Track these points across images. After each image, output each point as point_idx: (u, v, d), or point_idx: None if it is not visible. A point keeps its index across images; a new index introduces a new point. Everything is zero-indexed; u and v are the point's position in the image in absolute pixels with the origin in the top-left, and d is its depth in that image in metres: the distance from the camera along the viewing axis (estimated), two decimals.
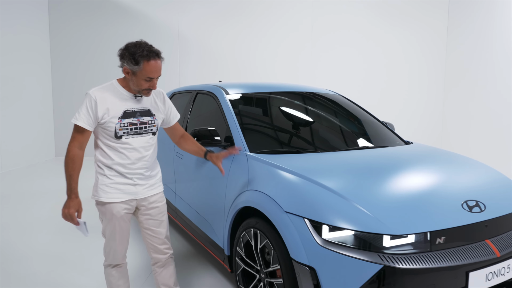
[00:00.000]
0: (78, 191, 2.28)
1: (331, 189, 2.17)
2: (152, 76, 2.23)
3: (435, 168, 2.64)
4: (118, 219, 2.35)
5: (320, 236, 2.03)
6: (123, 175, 2.33)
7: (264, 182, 2.43)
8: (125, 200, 2.35)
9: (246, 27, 8.60)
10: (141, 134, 2.35)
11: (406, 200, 2.16)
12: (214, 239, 3.02)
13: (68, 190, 2.24)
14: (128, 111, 2.29)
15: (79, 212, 2.27)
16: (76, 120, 2.22)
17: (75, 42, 8.67)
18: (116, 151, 2.29)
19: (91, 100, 2.22)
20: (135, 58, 2.17)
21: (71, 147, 2.23)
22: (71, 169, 2.22)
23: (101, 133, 2.28)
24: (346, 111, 3.57)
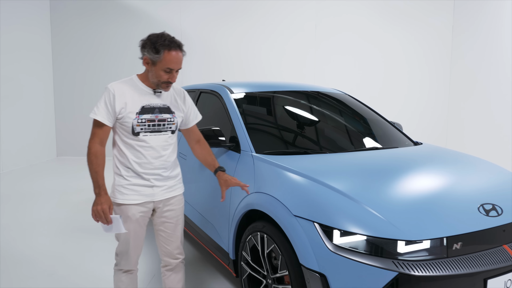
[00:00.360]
0: (81, 190, 2.20)
1: (341, 192, 2.08)
2: (172, 67, 2.15)
3: (447, 169, 2.55)
4: (133, 222, 2.26)
5: (331, 241, 1.94)
6: (140, 176, 2.24)
7: (271, 184, 2.34)
8: (141, 202, 2.26)
9: (249, 27, 8.52)
10: (160, 132, 2.26)
11: (419, 204, 2.07)
12: (218, 242, 2.93)
13: (96, 187, 2.15)
14: (147, 107, 2.21)
15: (111, 208, 2.17)
16: (95, 114, 2.16)
17: (76, 42, 8.60)
18: (133, 149, 2.21)
19: (109, 93, 2.17)
20: (156, 47, 2.11)
21: (92, 144, 2.17)
22: (95, 165, 2.15)
23: (119, 129, 2.21)
24: (353, 110, 3.48)
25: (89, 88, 8.69)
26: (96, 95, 8.68)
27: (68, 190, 5.94)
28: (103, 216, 2.13)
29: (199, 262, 3.46)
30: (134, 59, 8.50)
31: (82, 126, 8.77)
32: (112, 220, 2.15)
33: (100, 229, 4.30)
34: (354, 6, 8.49)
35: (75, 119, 8.78)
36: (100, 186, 2.15)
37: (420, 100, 8.72)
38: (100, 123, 2.16)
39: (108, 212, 2.13)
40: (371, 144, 3.03)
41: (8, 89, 7.29)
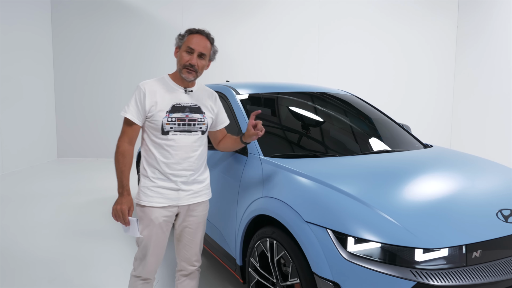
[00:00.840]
0: (83, 192, 2.15)
1: (355, 197, 2.01)
2: (193, 47, 2.13)
3: (462, 173, 2.47)
4: (155, 226, 2.19)
5: (345, 249, 1.86)
6: (166, 177, 2.18)
7: (281, 189, 2.26)
8: (166, 206, 2.20)
9: (250, 27, 8.45)
10: (190, 132, 2.20)
11: (436, 209, 1.99)
12: (225, 247, 2.86)
13: (120, 187, 2.14)
14: (177, 106, 2.18)
15: (130, 210, 2.14)
16: (125, 112, 2.15)
17: (77, 42, 8.53)
18: (161, 149, 2.17)
19: (140, 92, 2.15)
20: (182, 33, 2.19)
21: (120, 142, 2.16)
22: (122, 164, 2.13)
23: (148, 128, 2.18)
24: (361, 112, 3.40)
25: (90, 89, 8.63)
26: (97, 96, 8.62)
27: (69, 192, 5.86)
28: (121, 217, 2.11)
29: (205, 267, 3.38)
30: (136, 59, 8.50)
31: (83, 127, 8.71)
32: (130, 222, 2.13)
33: (102, 231, 4.24)
34: (357, 7, 8.42)
35: (76, 120, 8.71)
36: (123, 186, 2.13)
37: (424, 100, 8.65)
38: (130, 121, 2.15)
39: (127, 213, 2.12)
40: (381, 147, 2.95)
41: (9, 89, 7.22)
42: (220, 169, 2.92)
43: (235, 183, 2.69)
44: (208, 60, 2.21)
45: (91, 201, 5.42)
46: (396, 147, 3.00)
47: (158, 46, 8.47)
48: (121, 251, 3.79)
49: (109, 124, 8.66)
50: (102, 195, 5.69)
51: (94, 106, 8.68)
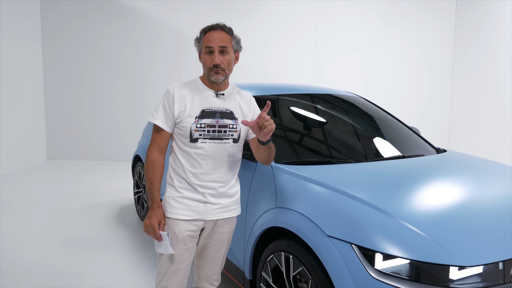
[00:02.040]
0: (76, 197, 1.96)
1: (380, 209, 1.86)
2: (209, 45, 1.95)
3: (485, 181, 2.34)
4: (179, 240, 2.01)
5: (372, 266, 1.72)
6: (194, 188, 2.01)
7: (297, 199, 2.11)
8: (191, 219, 2.02)
9: (247, 26, 8.29)
10: (221, 140, 2.01)
11: (467, 222, 1.86)
12: (232, 260, 2.69)
13: (150, 199, 1.99)
14: (207, 110, 1.99)
15: (161, 224, 1.97)
16: (154, 118, 2.01)
17: (69, 43, 8.26)
18: (189, 157, 2.00)
19: (169, 96, 2.01)
20: (198, 36, 2.04)
21: (150, 151, 2.02)
22: (151, 174, 1.99)
23: (177, 135, 2.03)
24: (371, 115, 3.26)
25: (81, 90, 8.37)
26: (88, 97, 8.38)
27: (62, 197, 5.63)
28: (152, 232, 1.96)
29: None
30: (131, 60, 8.26)
31: (74, 128, 8.46)
32: (162, 237, 1.96)
33: (97, 240, 4.04)
34: (355, 7, 8.31)
35: (67, 121, 8.45)
36: (153, 199, 1.98)
37: (422, 100, 8.57)
38: (159, 128, 2.01)
39: (157, 227, 1.96)
40: (396, 153, 2.81)
41: None
42: None
43: (243, 192, 2.51)
44: (233, 52, 2.02)
45: (84, 206, 5.21)
46: (411, 152, 2.86)
47: (153, 46, 8.26)
48: (117, 260, 3.60)
49: (101, 125, 8.43)
50: (95, 200, 5.48)
51: (85, 107, 8.43)
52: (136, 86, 8.32)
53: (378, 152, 2.76)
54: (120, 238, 4.10)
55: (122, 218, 4.71)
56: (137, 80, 8.30)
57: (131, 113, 8.33)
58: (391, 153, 2.76)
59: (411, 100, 8.55)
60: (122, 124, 8.39)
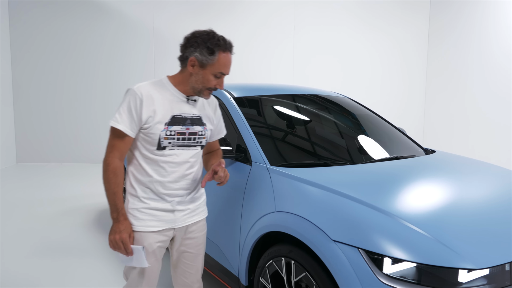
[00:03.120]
0: (51, 201, 1.82)
1: (385, 211, 1.83)
2: (224, 72, 1.87)
3: (484, 183, 2.36)
4: (149, 253, 1.88)
5: (380, 271, 1.68)
6: (160, 198, 1.88)
7: (298, 203, 2.05)
8: (161, 229, 1.90)
9: (224, 26, 8.18)
10: (189, 147, 1.91)
11: (472, 223, 1.85)
12: (225, 265, 2.61)
13: (114, 211, 1.82)
14: (178, 117, 1.87)
15: (131, 237, 1.82)
16: (117, 122, 1.79)
17: (39, 41, 7.92)
18: (155, 166, 1.86)
19: (136, 98, 1.80)
20: (210, 47, 1.80)
21: (110, 158, 1.81)
22: (114, 185, 1.80)
23: (141, 142, 1.86)
24: (362, 117, 3.26)
25: (53, 89, 8.04)
26: (61, 96, 8.06)
27: (35, 202, 5.38)
28: (123, 247, 1.80)
29: None
30: (107, 60, 8.00)
31: (45, 130, 8.13)
32: (134, 252, 1.81)
33: (76, 247, 3.85)
34: (332, 8, 8.37)
35: (37, 122, 8.10)
36: (119, 211, 1.82)
37: (400, 99, 8.71)
38: (121, 133, 1.80)
39: (129, 241, 1.81)
40: (389, 154, 2.80)
41: None
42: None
43: (238, 195, 2.45)
44: None
45: (60, 211, 4.99)
46: (403, 153, 2.86)
47: (129, 46, 8.03)
48: (100, 268, 3.44)
49: (74, 126, 8.13)
50: (71, 205, 5.25)
51: (57, 107, 8.10)
52: (111, 86, 8.07)
53: (372, 153, 2.75)
54: (100, 244, 3.94)
55: (101, 223, 4.53)
56: (112, 80, 8.05)
57: (106, 114, 8.05)
58: (385, 155, 2.75)
59: (388, 100, 8.67)
60: (96, 125, 8.11)
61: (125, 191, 1.94)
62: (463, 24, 7.65)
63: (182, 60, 1.88)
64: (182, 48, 1.87)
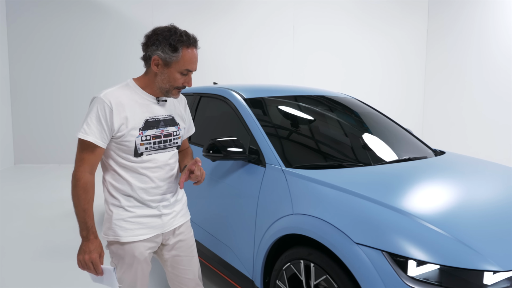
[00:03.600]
0: (51, 203, 1.76)
1: (407, 214, 1.82)
2: (190, 68, 1.76)
3: (500, 184, 2.35)
4: (141, 262, 1.85)
5: (405, 273, 1.67)
6: (146, 205, 1.83)
7: (317, 205, 2.04)
8: (151, 236, 1.86)
9: (223, 26, 8.17)
10: (165, 149, 1.86)
11: (492, 225, 1.85)
12: (237, 267, 2.59)
13: (84, 229, 1.73)
14: (151, 120, 1.80)
15: (101, 257, 1.75)
16: (86, 134, 1.68)
17: (37, 41, 7.86)
18: (135, 173, 1.79)
19: (105, 106, 1.70)
20: (173, 44, 1.70)
21: (80, 173, 1.71)
22: (84, 201, 1.70)
23: (115, 151, 1.77)
24: (373, 118, 3.25)
25: (51, 90, 7.98)
26: (59, 98, 8.00)
27: (35, 204, 5.32)
28: (92, 267, 1.73)
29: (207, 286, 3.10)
30: (105, 60, 7.95)
31: (43, 130, 8.07)
32: (104, 272, 1.74)
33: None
34: (331, 8, 8.37)
35: (35, 123, 8.04)
36: (88, 229, 1.72)
37: (395, 100, 8.75)
38: (91, 145, 1.69)
39: (99, 262, 1.74)
40: (402, 155, 2.79)
41: None
42: (230, 182, 2.65)
43: (252, 198, 2.43)
44: None
45: (61, 213, 4.94)
46: (414, 154, 2.86)
47: (128, 46, 7.99)
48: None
49: (73, 126, 8.05)
50: (72, 207, 5.19)
51: (55, 108, 8.05)
52: (110, 86, 8.00)
53: (384, 155, 2.74)
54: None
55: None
56: (110, 80, 8.00)
57: None
58: (397, 156, 2.74)
59: (387, 99, 8.71)
60: None
61: (104, 203, 1.86)
62: (462, 24, 7.69)
63: (145, 59, 1.80)
64: (144, 47, 1.78)
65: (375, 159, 2.67)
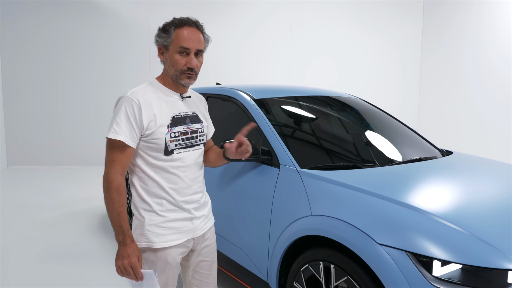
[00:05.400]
0: (50, 205, 1.72)
1: (429, 213, 1.83)
2: (186, 46, 1.71)
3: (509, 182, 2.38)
4: (173, 268, 1.81)
5: (430, 273, 1.68)
6: (178, 207, 1.79)
7: (336, 206, 2.04)
8: (183, 241, 1.82)
9: (221, 26, 8.14)
10: (193, 147, 1.84)
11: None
12: (250, 269, 2.58)
13: (120, 234, 1.66)
14: (177, 116, 1.79)
15: (140, 260, 1.69)
16: (116, 134, 1.65)
17: (30, 41, 7.72)
18: (166, 173, 1.76)
19: (133, 104, 1.68)
20: (164, 27, 1.75)
21: (113, 175, 1.66)
22: (118, 204, 1.65)
23: (144, 150, 1.74)
24: (380, 119, 3.27)
25: (44, 91, 7.85)
26: (52, 98, 7.89)
27: (33, 206, 5.24)
28: (132, 272, 1.67)
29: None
30: (101, 60, 7.87)
31: (36, 132, 7.94)
32: (144, 276, 1.69)
33: (85, 252, 3.75)
34: (328, 8, 8.40)
35: (28, 123, 7.90)
36: (124, 232, 1.66)
37: (391, 99, 8.79)
38: (122, 145, 1.66)
39: (138, 266, 1.68)
40: (413, 155, 2.81)
41: None
42: (243, 183, 2.64)
43: (266, 199, 2.42)
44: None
45: (60, 216, 4.87)
46: (424, 154, 2.88)
47: (124, 46, 7.90)
48: (113, 274, 3.36)
49: (67, 128, 7.97)
50: (71, 209, 5.14)
51: (49, 108, 7.92)
52: (105, 87, 7.94)
53: (396, 155, 2.75)
54: (110, 249, 3.85)
55: (106, 228, 4.44)
56: (106, 80, 7.92)
57: (100, 115, 7.92)
58: (408, 156, 2.76)
59: (383, 99, 8.73)
60: (89, 126, 7.97)
61: (132, 208, 1.82)
62: (457, 24, 7.77)
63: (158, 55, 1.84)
64: (154, 42, 1.84)
65: (387, 159, 2.68)
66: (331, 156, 2.68)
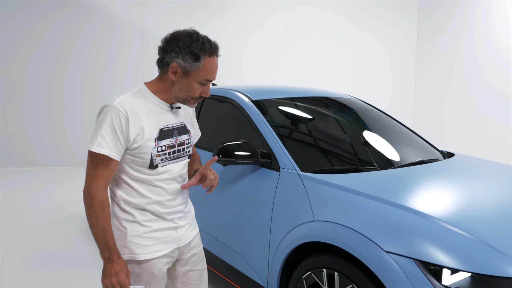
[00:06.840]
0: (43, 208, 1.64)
1: (437, 220, 1.77)
2: (211, 78, 1.66)
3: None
4: (159, 279, 1.74)
5: (439, 282, 1.62)
6: (161, 218, 1.73)
7: (340, 211, 1.97)
8: (168, 251, 1.76)
9: (215, 26, 8.06)
10: (178, 159, 1.76)
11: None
12: (249, 275, 2.51)
13: (105, 250, 1.58)
14: (165, 129, 1.69)
15: (128, 276, 1.62)
16: (101, 147, 1.54)
17: (23, 41, 7.57)
18: (150, 186, 1.68)
19: (120, 116, 1.57)
20: (194, 52, 1.58)
21: (96, 190, 1.56)
22: (102, 220, 1.56)
23: (128, 164, 1.65)
24: (381, 120, 3.21)
25: (37, 91, 7.72)
26: (45, 99, 7.76)
27: (25, 208, 5.13)
28: None
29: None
30: (95, 60, 7.74)
31: (29, 132, 7.81)
32: None
33: (79, 257, 3.66)
34: (323, 8, 8.35)
35: (20, 124, 7.76)
36: (110, 249, 1.58)
37: (386, 99, 8.77)
38: (106, 158, 1.56)
39: (127, 283, 1.60)
40: (415, 158, 2.75)
41: None
42: (241, 187, 2.56)
43: (266, 203, 2.35)
44: None
45: (53, 219, 4.77)
46: (426, 156, 2.82)
47: (118, 46, 7.79)
48: None
49: (60, 129, 7.85)
50: (64, 212, 5.03)
51: (42, 109, 7.79)
52: (99, 87, 7.82)
53: (398, 158, 2.70)
54: None
55: None
56: (100, 80, 7.81)
57: (94, 115, 7.77)
58: (411, 159, 2.70)
59: (378, 99, 8.69)
60: (83, 127, 7.83)
61: (114, 217, 1.73)
62: (453, 24, 7.75)
63: (161, 65, 1.66)
64: (161, 52, 1.64)
65: (390, 162, 2.62)
66: (333, 159, 2.61)
